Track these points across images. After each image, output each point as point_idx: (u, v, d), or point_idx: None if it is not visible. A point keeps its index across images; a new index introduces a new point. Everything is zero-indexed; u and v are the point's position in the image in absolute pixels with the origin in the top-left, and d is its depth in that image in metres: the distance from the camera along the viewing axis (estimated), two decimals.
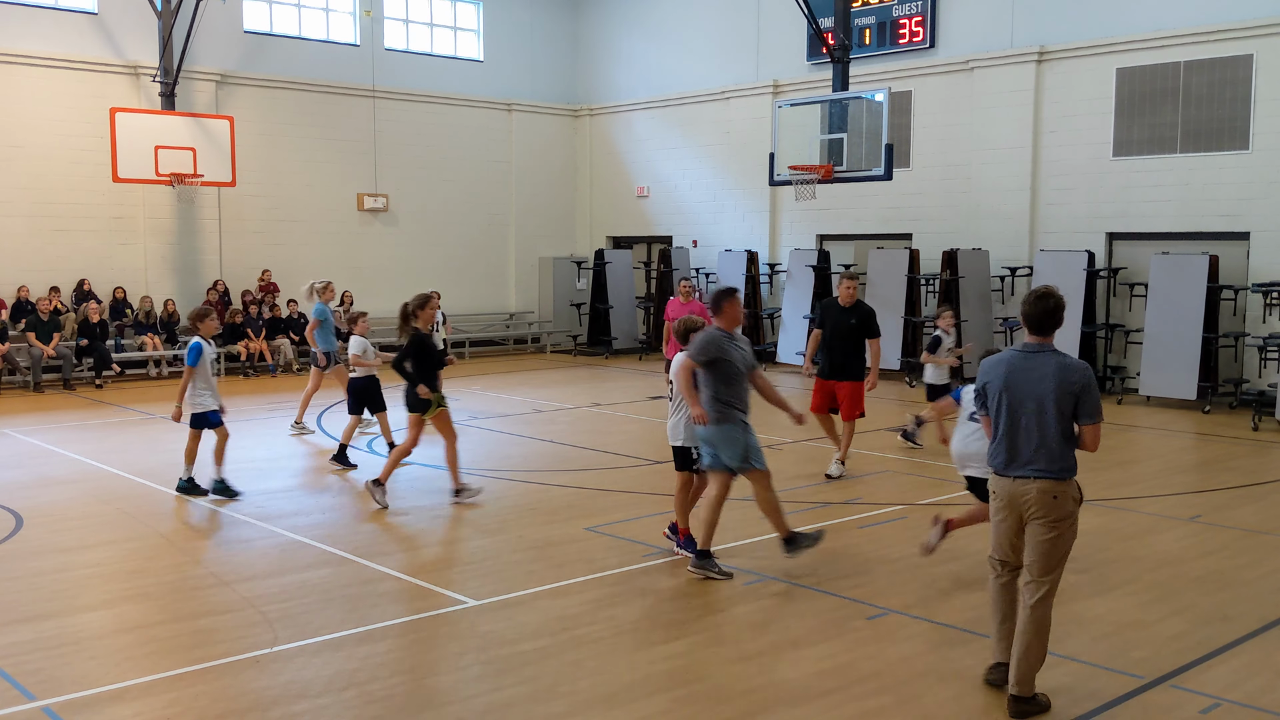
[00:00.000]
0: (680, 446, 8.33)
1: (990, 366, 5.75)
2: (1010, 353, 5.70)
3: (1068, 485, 5.52)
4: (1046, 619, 5.58)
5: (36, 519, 9.51)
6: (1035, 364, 5.55)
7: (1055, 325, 5.63)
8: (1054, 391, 5.48)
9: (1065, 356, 5.58)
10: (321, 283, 14.07)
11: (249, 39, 21.96)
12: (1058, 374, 5.50)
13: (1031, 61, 18.87)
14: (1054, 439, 5.49)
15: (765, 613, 7.13)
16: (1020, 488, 5.55)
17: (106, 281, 20.27)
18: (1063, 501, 5.51)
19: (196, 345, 10.05)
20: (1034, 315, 5.60)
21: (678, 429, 8.29)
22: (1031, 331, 5.65)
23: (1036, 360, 5.56)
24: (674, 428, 8.33)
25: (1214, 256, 16.43)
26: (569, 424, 14.80)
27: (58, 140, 19.70)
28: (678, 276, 23.57)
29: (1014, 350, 5.69)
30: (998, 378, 5.66)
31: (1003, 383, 5.63)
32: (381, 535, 9.07)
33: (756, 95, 22.86)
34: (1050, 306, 5.59)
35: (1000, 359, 5.73)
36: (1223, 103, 16.86)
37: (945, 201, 20.26)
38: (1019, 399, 5.55)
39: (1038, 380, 5.51)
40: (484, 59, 25.52)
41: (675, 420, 8.31)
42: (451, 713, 5.58)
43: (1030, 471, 5.51)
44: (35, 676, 6.00)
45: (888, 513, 9.82)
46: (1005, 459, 5.62)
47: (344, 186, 23.24)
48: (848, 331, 11.34)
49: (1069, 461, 5.52)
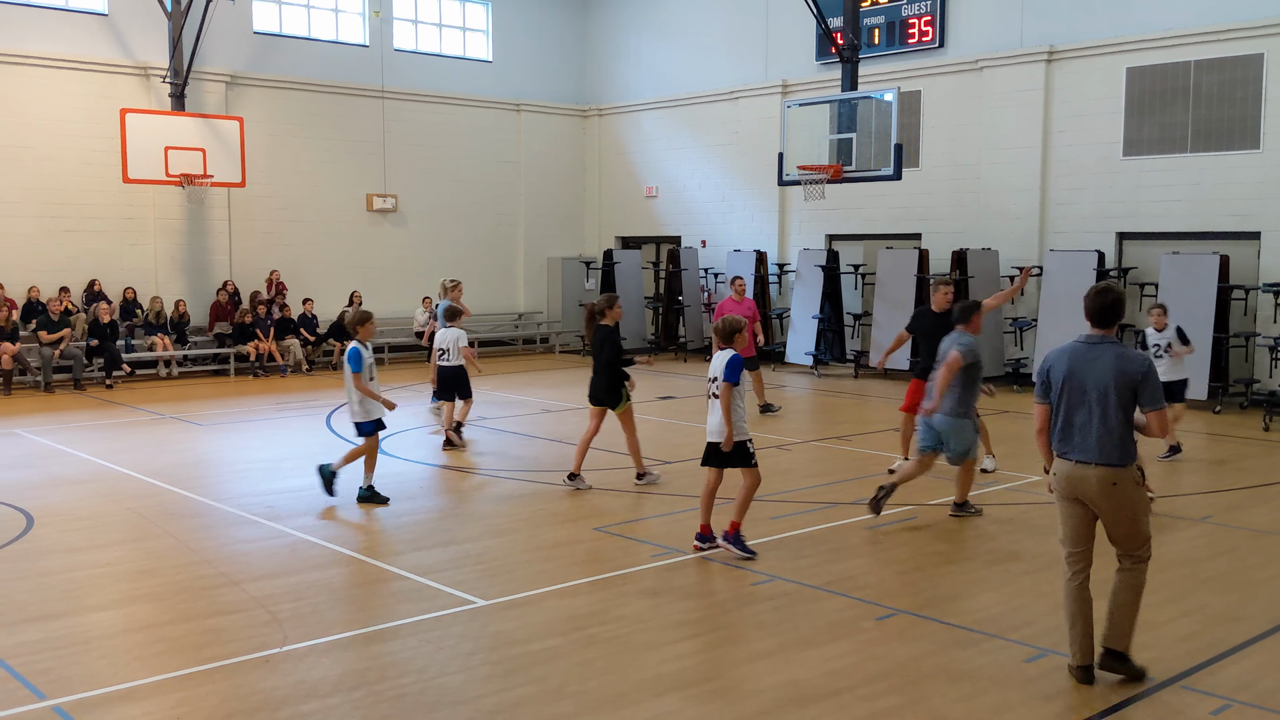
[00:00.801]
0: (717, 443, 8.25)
1: (1054, 357, 6.03)
2: (1073, 344, 5.99)
3: (1127, 470, 5.80)
4: (1141, 584, 5.95)
5: (47, 519, 9.54)
6: (1096, 354, 5.85)
7: (1116, 319, 5.94)
8: (1114, 381, 5.76)
9: (1125, 348, 5.88)
10: (451, 281, 14.47)
11: (258, 40, 22.01)
12: (1117, 364, 5.78)
13: (1041, 61, 18.82)
14: (1114, 426, 5.77)
15: (775, 613, 7.12)
16: (1080, 472, 5.82)
17: (117, 282, 20.33)
18: (1123, 486, 5.78)
19: (355, 351, 9.96)
20: (1095, 309, 5.93)
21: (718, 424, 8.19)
22: (1093, 324, 5.96)
23: (1098, 351, 5.86)
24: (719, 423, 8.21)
25: (1224, 256, 16.37)
26: (578, 424, 14.76)
27: (68, 141, 19.77)
28: (687, 277, 23.62)
29: (1076, 341, 5.99)
30: (1060, 367, 5.95)
31: (1065, 372, 5.92)
32: (391, 535, 9.08)
33: (765, 95, 22.84)
34: (1109, 301, 5.91)
35: (1063, 350, 6.01)
36: (1233, 102, 16.80)
37: (954, 201, 20.22)
38: (1081, 388, 5.84)
39: (1099, 370, 5.80)
40: (493, 59, 25.54)
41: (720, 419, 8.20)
42: (461, 712, 5.58)
43: (1091, 457, 5.79)
44: (45, 676, 6.01)
45: (897, 513, 9.80)
46: (1066, 444, 5.91)
47: (353, 187, 23.28)
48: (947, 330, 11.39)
49: (1129, 448, 5.80)
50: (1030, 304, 18.98)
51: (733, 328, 8.32)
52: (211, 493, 10.68)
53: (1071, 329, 18.34)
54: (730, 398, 8.08)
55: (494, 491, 10.60)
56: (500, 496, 10.45)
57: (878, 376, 19.95)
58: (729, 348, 8.30)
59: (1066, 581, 6.03)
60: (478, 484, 11.02)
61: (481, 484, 11.02)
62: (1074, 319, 17.59)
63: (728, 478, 8.50)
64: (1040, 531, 9.18)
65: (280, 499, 10.33)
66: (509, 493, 10.62)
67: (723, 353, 8.28)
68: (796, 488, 10.78)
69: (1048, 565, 8.19)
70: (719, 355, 8.29)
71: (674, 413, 15.66)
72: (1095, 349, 5.88)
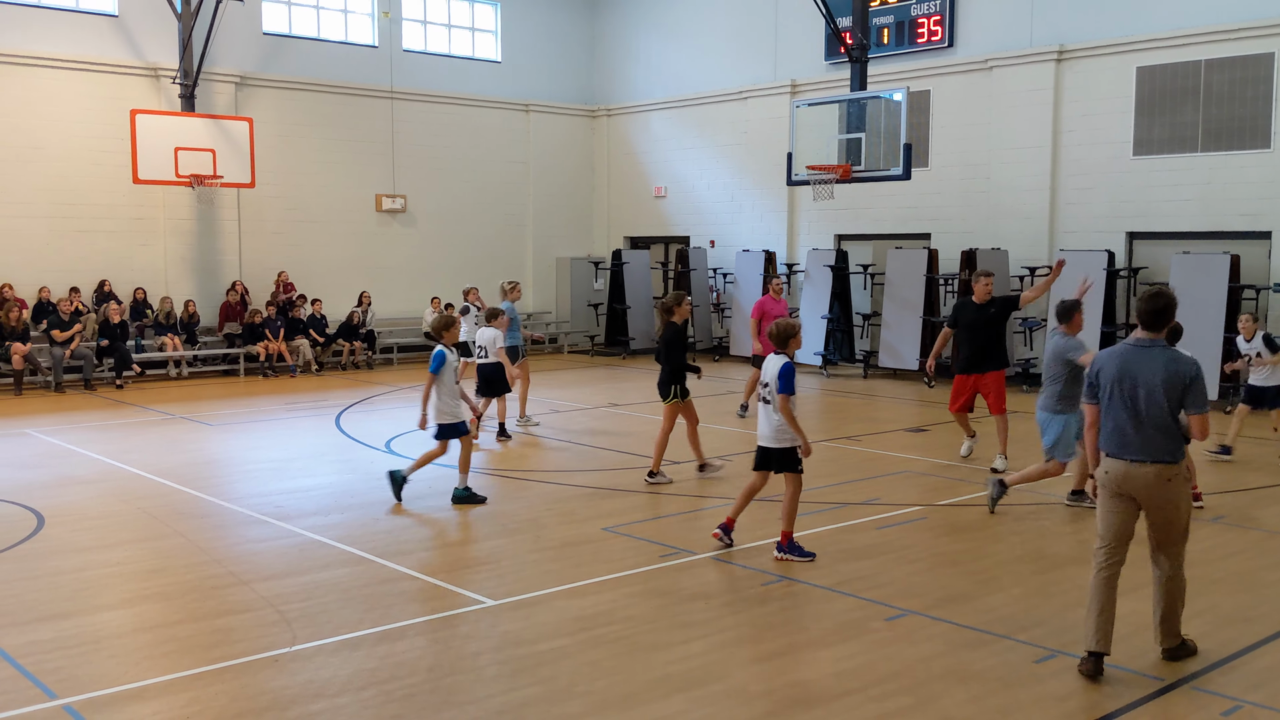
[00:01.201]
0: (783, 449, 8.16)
1: (1104, 359, 6.19)
2: (1123, 346, 6.17)
3: (1178, 468, 6.01)
4: (1181, 584, 6.22)
5: (57, 518, 9.57)
6: (1147, 357, 6.03)
7: (1166, 322, 6.09)
8: (1163, 383, 5.94)
9: (1175, 351, 6.07)
10: (510, 283, 14.67)
11: (268, 40, 22.05)
12: (1167, 366, 5.97)
13: (1051, 60, 18.77)
14: (1165, 426, 5.96)
15: (783, 613, 7.11)
16: (1134, 470, 6.01)
17: (127, 282, 20.39)
18: (1175, 483, 6.02)
19: (440, 353, 9.95)
20: (1147, 312, 6.08)
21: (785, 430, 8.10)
22: (1144, 327, 6.11)
23: (1148, 354, 6.04)
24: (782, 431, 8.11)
25: (1235, 256, 16.32)
26: (587, 424, 14.80)
27: (78, 142, 19.83)
28: (695, 277, 23.60)
29: (1127, 344, 6.16)
30: (1111, 369, 6.11)
31: (1116, 373, 6.08)
32: (399, 535, 9.08)
33: (774, 95, 22.82)
34: (1161, 305, 6.04)
35: (1114, 352, 6.18)
36: (1244, 101, 16.74)
37: (964, 201, 20.18)
38: (1132, 389, 6.01)
39: (1150, 372, 5.98)
40: (502, 60, 25.56)
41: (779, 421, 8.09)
42: (469, 712, 5.58)
43: (1143, 455, 5.98)
44: (56, 675, 6.03)
45: (907, 513, 9.78)
46: (1119, 444, 6.07)
47: (362, 187, 23.32)
48: (988, 322, 11.72)
49: (1179, 446, 6.01)
50: (1040, 304, 18.91)
51: (789, 331, 8.14)
52: (221, 492, 10.70)
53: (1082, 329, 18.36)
54: (789, 408, 7.98)
55: (503, 491, 10.60)
56: (509, 496, 10.45)
57: (887, 376, 19.92)
58: (784, 352, 8.15)
59: (1096, 574, 6.16)
60: (486, 484, 11.02)
61: (489, 484, 11.02)
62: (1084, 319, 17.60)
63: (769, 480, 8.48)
64: (1050, 533, 9.16)
65: (289, 499, 10.35)
66: (517, 492, 10.62)
67: (777, 358, 8.11)
68: (806, 488, 10.74)
69: (1058, 566, 8.17)
70: (773, 360, 8.12)
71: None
72: (1146, 352, 6.03)
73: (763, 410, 8.22)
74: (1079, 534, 9.14)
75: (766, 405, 8.17)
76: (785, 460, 8.17)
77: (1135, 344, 6.10)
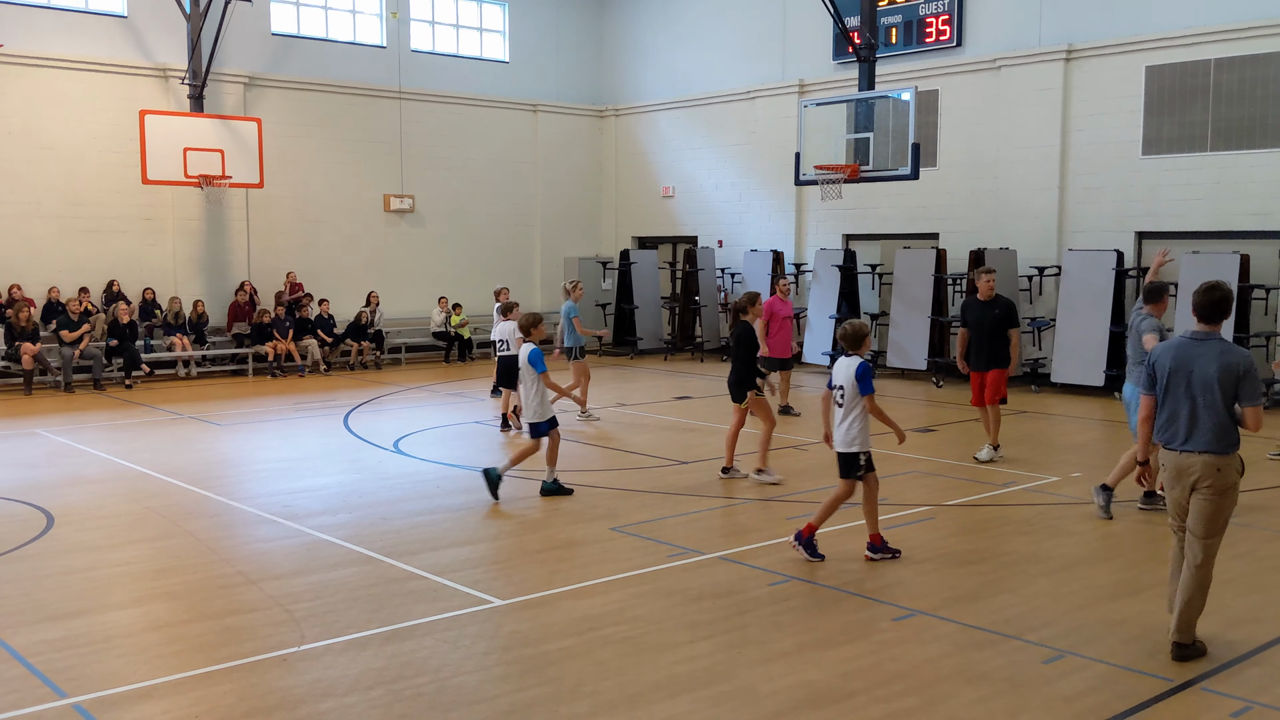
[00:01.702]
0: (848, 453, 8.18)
1: (1162, 350, 6.35)
2: (1179, 339, 6.32)
3: (1230, 459, 6.14)
4: (1208, 578, 6.27)
5: (66, 518, 9.60)
6: (1203, 350, 6.17)
7: (1223, 315, 6.26)
8: (1218, 375, 6.08)
9: (1229, 344, 6.20)
10: (571, 282, 15.34)
11: (276, 41, 22.10)
12: (1222, 359, 6.10)
13: (1059, 60, 18.73)
14: (1219, 417, 6.09)
15: (791, 613, 7.10)
16: (1187, 460, 6.18)
17: (136, 282, 20.45)
18: (1226, 474, 6.13)
19: (537, 352, 10.20)
20: (1203, 305, 6.25)
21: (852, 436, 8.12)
22: (1200, 320, 6.27)
23: (1204, 347, 6.18)
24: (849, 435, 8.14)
25: (1245, 255, 16.27)
26: (594, 424, 14.80)
27: (88, 142, 19.89)
28: (703, 277, 23.60)
29: (1183, 336, 6.31)
30: (1167, 361, 6.28)
31: (1171, 365, 6.25)
32: (407, 535, 9.09)
33: (782, 95, 22.80)
34: (1217, 298, 6.22)
35: (1170, 345, 6.34)
36: (1254, 100, 16.69)
37: (972, 201, 20.14)
38: (1187, 381, 6.18)
39: (1205, 364, 6.13)
40: (509, 60, 25.57)
41: (848, 425, 8.13)
42: (476, 712, 5.58)
43: (1197, 446, 6.14)
44: (65, 674, 6.05)
45: (915, 513, 9.77)
46: (1173, 435, 6.26)
47: (370, 187, 23.35)
48: (992, 323, 11.93)
49: (1232, 437, 6.14)
50: (1049, 303, 18.90)
51: (861, 332, 8.14)
52: (230, 492, 10.72)
53: (1090, 328, 18.23)
54: (878, 406, 8.13)
55: (510, 491, 10.61)
56: (516, 496, 10.45)
57: (895, 376, 19.90)
58: (857, 353, 8.13)
59: (1176, 544, 6.48)
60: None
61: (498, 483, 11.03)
62: (1092, 318, 17.61)
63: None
64: (1058, 532, 9.15)
65: (298, 498, 10.37)
66: (525, 492, 10.62)
67: (851, 359, 8.09)
68: (813, 488, 10.76)
69: (1066, 566, 8.16)
70: (847, 362, 8.11)
71: (689, 413, 15.65)
72: (1202, 344, 6.18)
73: (836, 415, 8.18)
74: (1088, 534, 9.13)
75: (840, 409, 8.15)
76: (851, 466, 8.19)
77: (1192, 336, 6.25)
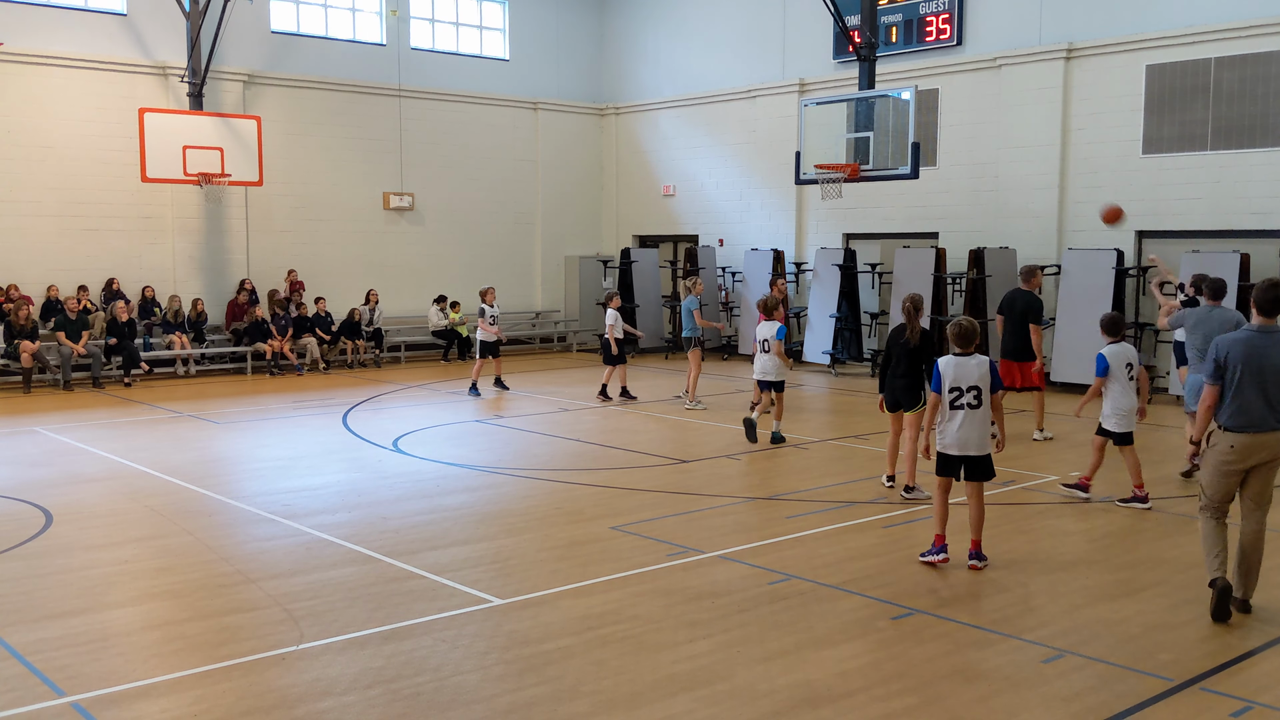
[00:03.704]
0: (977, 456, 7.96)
1: (1229, 344, 6.87)
2: (1246, 332, 6.88)
3: None
4: (1264, 538, 7.09)
5: (65, 516, 9.60)
6: (1270, 342, 6.78)
7: None
8: None
9: None
10: (692, 279, 16.48)
11: (276, 39, 22.08)
12: None
13: (1060, 59, 18.72)
14: None
15: (789, 612, 7.10)
16: (1261, 440, 6.82)
17: (135, 281, 20.45)
18: None
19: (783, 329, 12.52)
20: (1265, 300, 6.79)
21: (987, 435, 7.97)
22: (1262, 315, 6.82)
23: (1271, 339, 6.79)
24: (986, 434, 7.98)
25: (1245, 255, 16.26)
26: (595, 423, 14.80)
27: (87, 140, 19.88)
28: (704, 275, 23.57)
29: (1250, 330, 6.87)
30: (1238, 353, 6.81)
31: (1242, 358, 6.78)
32: (407, 534, 9.09)
33: (782, 94, 22.79)
34: (1278, 294, 6.75)
35: (1238, 338, 6.87)
36: (1254, 99, 16.68)
37: (972, 200, 20.13)
38: (1257, 371, 6.75)
39: (1276, 355, 6.74)
40: (510, 58, 25.56)
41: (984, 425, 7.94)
42: (475, 711, 5.58)
43: (1271, 426, 6.78)
44: (64, 672, 6.05)
45: (913, 512, 9.77)
46: (1247, 420, 6.81)
47: (370, 185, 23.34)
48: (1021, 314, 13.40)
49: None
50: (1049, 303, 18.87)
51: (974, 330, 7.94)
52: (228, 491, 10.72)
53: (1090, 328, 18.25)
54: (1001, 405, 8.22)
55: (510, 490, 10.61)
56: (516, 495, 10.45)
57: None
58: (970, 350, 7.94)
59: (1208, 520, 7.05)
60: (494, 482, 11.04)
61: (498, 483, 11.03)
62: (1092, 318, 17.53)
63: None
64: (1056, 532, 9.14)
65: (297, 497, 10.37)
66: (525, 491, 10.62)
67: (982, 357, 7.92)
68: (814, 486, 10.76)
69: (1064, 566, 8.15)
70: (977, 361, 7.89)
71: (689, 411, 15.63)
72: (1270, 336, 6.77)
73: (969, 418, 7.87)
74: (1087, 533, 9.13)
75: (975, 410, 7.87)
76: (988, 468, 8.06)
77: (1259, 330, 6.79)
